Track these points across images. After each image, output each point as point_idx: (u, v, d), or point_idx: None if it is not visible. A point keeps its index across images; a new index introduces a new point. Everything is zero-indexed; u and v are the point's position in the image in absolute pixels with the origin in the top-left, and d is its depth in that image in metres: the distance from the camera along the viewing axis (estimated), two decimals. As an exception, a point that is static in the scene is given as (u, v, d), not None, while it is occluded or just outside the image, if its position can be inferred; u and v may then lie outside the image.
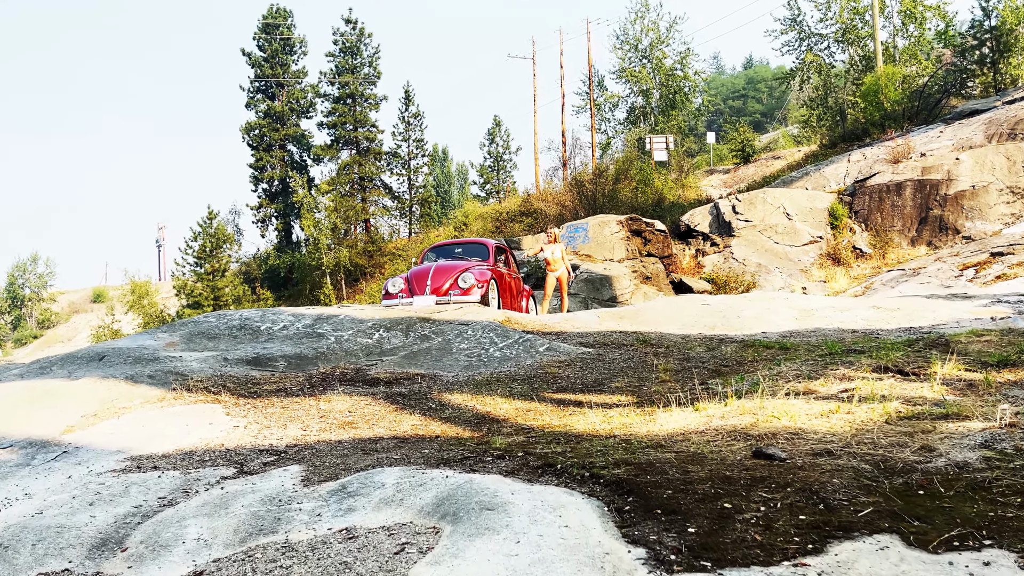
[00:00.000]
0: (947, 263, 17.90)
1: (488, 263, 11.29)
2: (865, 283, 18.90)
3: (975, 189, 21.51)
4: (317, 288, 41.96)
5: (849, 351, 6.59)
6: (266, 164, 48.37)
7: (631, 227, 19.36)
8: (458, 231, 38.65)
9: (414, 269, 10.85)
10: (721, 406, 4.98)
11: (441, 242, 12.64)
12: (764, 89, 65.35)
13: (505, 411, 5.52)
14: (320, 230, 41.93)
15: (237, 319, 8.26)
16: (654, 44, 45.32)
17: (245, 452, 4.56)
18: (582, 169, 37.44)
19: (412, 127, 46.36)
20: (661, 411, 5.18)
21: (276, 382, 6.47)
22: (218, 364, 6.79)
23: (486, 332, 7.98)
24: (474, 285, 10.04)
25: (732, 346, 7.32)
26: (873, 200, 23.14)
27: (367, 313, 8.67)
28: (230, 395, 6.01)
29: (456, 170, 69.98)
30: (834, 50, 39.61)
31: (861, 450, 3.76)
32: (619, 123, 47.96)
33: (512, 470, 3.77)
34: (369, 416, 5.40)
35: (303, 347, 7.53)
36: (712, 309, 9.30)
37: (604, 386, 6.33)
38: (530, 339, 7.82)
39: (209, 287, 42.59)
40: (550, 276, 12.94)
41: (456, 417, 5.33)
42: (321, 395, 6.09)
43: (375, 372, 6.87)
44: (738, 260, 21.30)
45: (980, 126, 23.86)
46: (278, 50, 48.77)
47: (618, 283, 16.98)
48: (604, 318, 9.38)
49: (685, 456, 3.88)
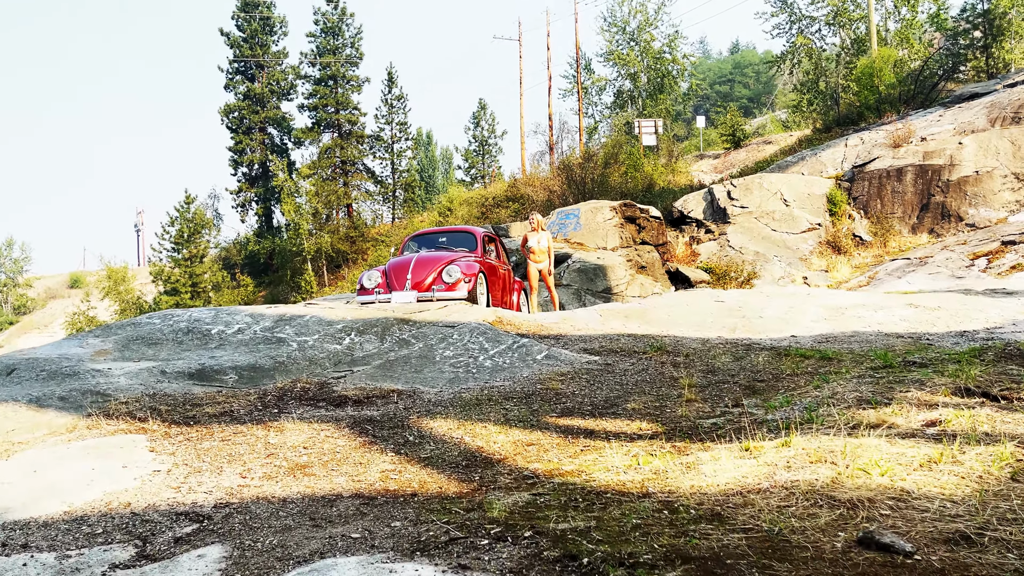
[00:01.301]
0: (955, 252, 16.90)
1: (476, 254, 10.05)
2: (868, 273, 17.89)
3: (979, 175, 20.53)
4: (298, 274, 40.58)
5: (908, 363, 5.48)
6: (246, 147, 46.72)
7: (625, 213, 18.20)
8: (443, 216, 37.37)
9: (393, 261, 9.61)
10: (780, 446, 3.85)
11: (424, 230, 11.40)
12: (751, 74, 64.21)
13: (501, 446, 4.37)
14: (301, 215, 40.51)
15: (185, 321, 7.03)
16: (642, 26, 44.06)
17: (156, 517, 3.37)
18: (570, 153, 36.22)
19: (395, 110, 44.91)
20: (700, 450, 4.05)
21: (221, 402, 5.27)
22: (153, 379, 5.58)
23: (475, 336, 6.81)
24: (461, 279, 8.83)
25: (763, 355, 6.20)
26: (873, 186, 22.11)
27: (337, 313, 7.45)
28: (160, 422, 4.81)
29: (441, 154, 68.50)
30: (825, 33, 38.62)
31: (1012, 534, 2.64)
32: (606, 107, 46.77)
33: (519, 569, 2.61)
34: (329, 455, 4.22)
35: (259, 355, 6.32)
36: (728, 307, 8.18)
37: (618, 407, 5.19)
38: (526, 344, 6.65)
39: (187, 273, 41.11)
40: (532, 267, 11.68)
41: (439, 457, 4.16)
42: (273, 421, 4.90)
43: (342, 388, 5.69)
44: (735, 248, 20.22)
45: (982, 110, 22.86)
46: (258, 30, 46.97)
47: (612, 273, 15.85)
48: (608, 317, 8.23)
49: (759, 540, 2.74)
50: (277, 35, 48.00)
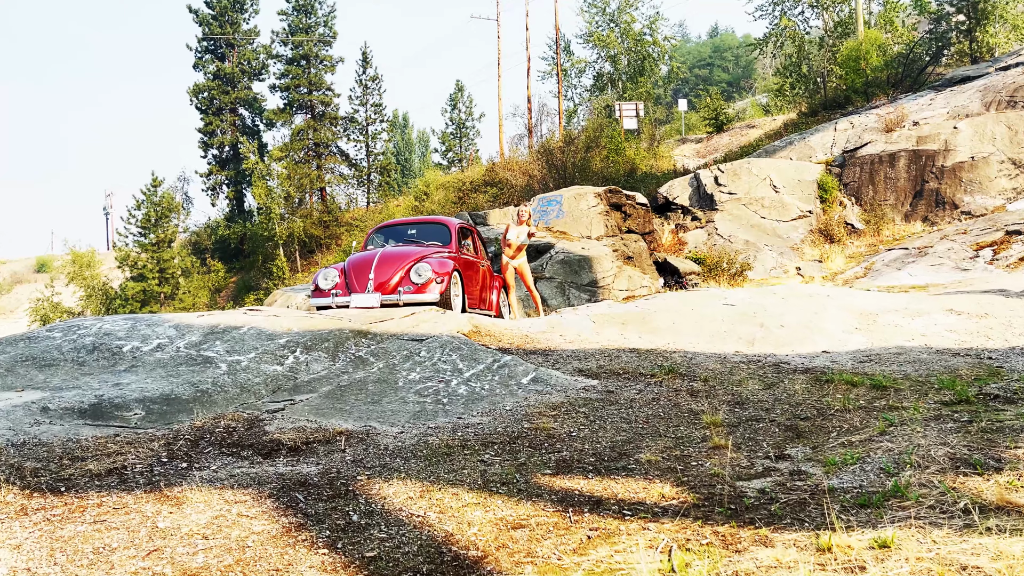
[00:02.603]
0: (957, 242, 15.90)
1: (450, 249, 8.65)
2: (864, 263, 16.86)
3: (974, 161, 19.56)
4: (270, 260, 38.94)
5: (987, 396, 4.33)
6: (216, 129, 44.76)
7: (611, 200, 16.94)
8: (419, 201, 35.91)
9: (353, 257, 8.21)
10: (877, 549, 2.66)
11: (391, 221, 9.94)
12: (730, 58, 63.03)
13: (479, 531, 3.15)
14: (272, 199, 38.83)
15: (92, 335, 5.68)
16: (622, 7, 42.64)
17: None
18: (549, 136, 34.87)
19: (370, 91, 43.19)
20: (754, 541, 2.86)
21: (113, 454, 3.99)
22: (29, 419, 4.27)
23: (447, 353, 5.57)
24: (432, 279, 7.52)
25: (799, 381, 5.02)
26: (864, 172, 21.08)
27: (282, 323, 6.14)
28: (19, 489, 3.53)
29: (417, 137, 66.71)
30: (808, 15, 37.58)
31: None
32: (586, 90, 45.39)
33: None
34: (235, 553, 2.97)
35: (178, 382, 5.02)
36: (741, 312, 7.00)
37: (629, 458, 3.99)
38: (509, 364, 5.42)
39: (154, 259, 39.29)
40: (509, 265, 10.18)
41: (391, 557, 2.93)
42: (175, 486, 3.64)
43: (277, 428, 4.42)
44: (723, 237, 19.10)
45: (975, 93, 21.88)
46: (227, 7, 44.89)
47: (598, 265, 14.62)
48: (602, 324, 7.01)
49: None
50: (248, 13, 45.95)
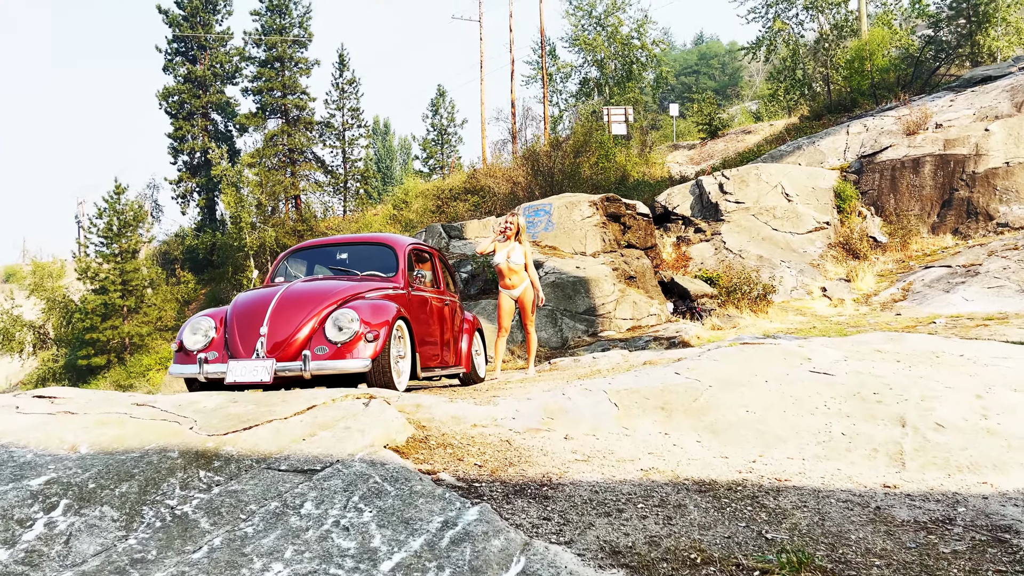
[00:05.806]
0: (1010, 259, 13.32)
1: (395, 282, 5.69)
2: (899, 283, 14.25)
3: (1010, 167, 17.05)
4: (240, 272, 35.90)
5: None
6: (187, 134, 41.68)
7: (608, 210, 14.19)
8: (397, 210, 33.06)
9: (244, 298, 5.20)
10: None
11: (312, 241, 6.87)
12: (716, 66, 60.67)
13: None
14: (243, 207, 35.83)
15: None
16: (609, 10, 40.10)
17: None
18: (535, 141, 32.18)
19: (347, 95, 40.30)
20: None
21: None
22: None
23: (354, 506, 2.81)
24: (360, 335, 4.60)
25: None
26: (885, 179, 18.53)
27: (64, 434, 3.28)
28: None
29: (399, 144, 63.80)
30: (803, 18, 35.33)
31: None
32: (571, 95, 42.76)
33: None
34: None
35: None
36: (848, 389, 4.29)
37: None
38: (471, 537, 2.65)
39: (117, 269, 36.10)
40: (505, 298, 7.52)
41: None
42: None
43: None
44: (732, 251, 16.44)
45: (1003, 93, 19.42)
46: (199, 7, 41.88)
47: (597, 288, 11.84)
48: (630, 410, 4.26)
49: None
50: (220, 14, 42.97)
